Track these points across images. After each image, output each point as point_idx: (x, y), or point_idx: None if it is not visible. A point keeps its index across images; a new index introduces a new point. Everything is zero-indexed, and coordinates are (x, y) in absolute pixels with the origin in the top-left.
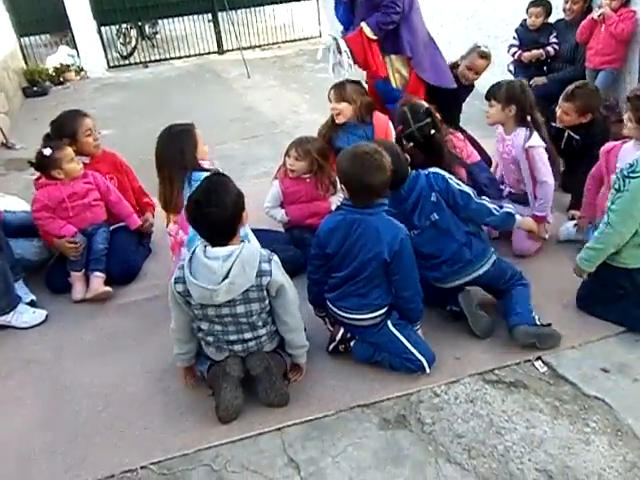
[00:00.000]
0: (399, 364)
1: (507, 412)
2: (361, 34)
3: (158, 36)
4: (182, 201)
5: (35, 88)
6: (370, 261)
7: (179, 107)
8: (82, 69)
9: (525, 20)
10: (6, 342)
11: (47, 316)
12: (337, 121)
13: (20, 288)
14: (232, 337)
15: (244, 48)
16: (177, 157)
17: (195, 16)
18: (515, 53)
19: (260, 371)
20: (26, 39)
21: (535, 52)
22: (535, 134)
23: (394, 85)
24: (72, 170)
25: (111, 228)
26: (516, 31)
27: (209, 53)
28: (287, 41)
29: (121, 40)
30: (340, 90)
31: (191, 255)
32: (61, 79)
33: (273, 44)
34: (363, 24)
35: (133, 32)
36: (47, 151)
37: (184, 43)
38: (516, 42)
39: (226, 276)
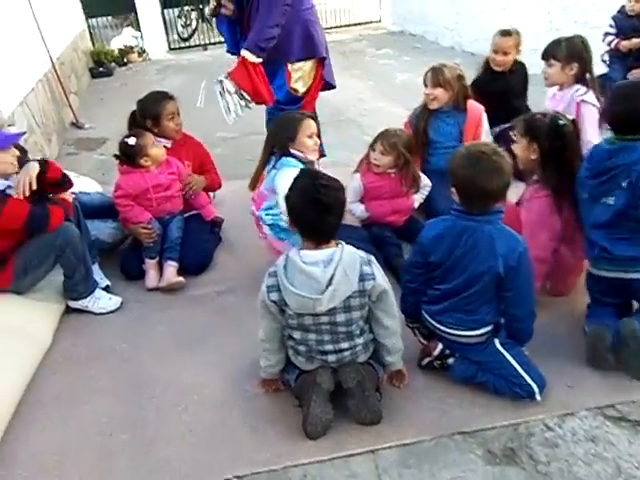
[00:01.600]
0: (505, 388)
1: (636, 457)
2: (244, 63)
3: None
4: (262, 179)
5: (101, 69)
6: (482, 275)
7: None
8: (144, 51)
9: (623, 6)
10: (83, 327)
11: (122, 303)
12: (430, 107)
13: (96, 272)
14: (327, 347)
15: None
16: (281, 140)
17: None
18: (612, 42)
19: (353, 385)
20: (93, 20)
21: (635, 40)
22: (590, 92)
23: (291, 92)
24: (158, 155)
25: (184, 216)
26: (613, 18)
27: None
28: (346, 25)
29: (182, 22)
30: (437, 74)
31: (285, 260)
32: (124, 60)
33: (331, 28)
34: (243, 51)
35: (194, 14)
36: (131, 140)
37: None
38: (613, 30)
39: (329, 283)
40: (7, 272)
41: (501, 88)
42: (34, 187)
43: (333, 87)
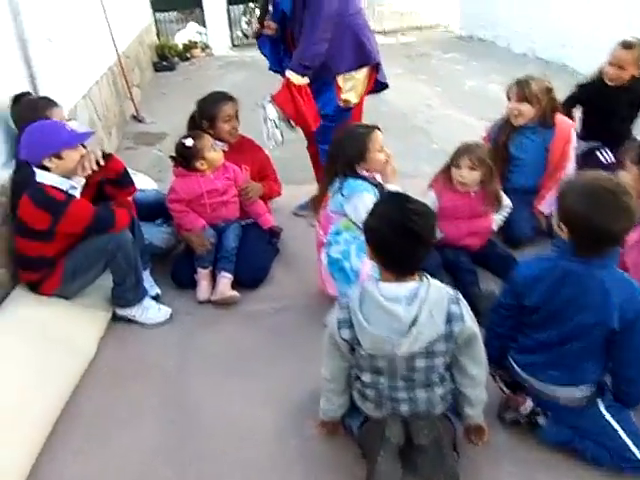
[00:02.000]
0: (607, 460)
1: None
2: (288, 85)
3: None
4: (325, 202)
5: (164, 63)
6: (590, 328)
7: None
8: (208, 46)
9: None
10: (130, 338)
11: (171, 315)
12: (514, 123)
13: (146, 279)
14: (400, 394)
15: None
16: (348, 159)
17: None
18: None
19: (427, 442)
20: (159, 14)
21: None
22: None
23: (340, 105)
24: (215, 159)
25: (242, 224)
26: None
27: None
28: (411, 28)
29: (246, 19)
30: (523, 87)
31: (361, 292)
32: (188, 55)
33: (396, 30)
34: (288, 72)
35: (258, 12)
36: (189, 142)
37: None
38: None
39: (412, 324)
40: (56, 275)
41: (606, 104)
42: (101, 163)
43: (386, 87)
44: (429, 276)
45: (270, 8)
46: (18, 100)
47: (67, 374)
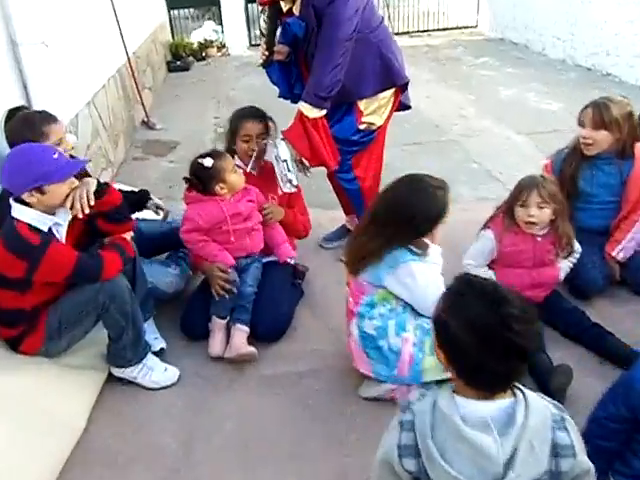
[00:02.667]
0: None
1: None
2: (302, 121)
3: None
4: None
5: (179, 62)
6: None
7: None
8: (224, 45)
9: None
10: (127, 408)
11: (179, 378)
12: (586, 152)
13: (150, 330)
14: None
15: (395, 34)
16: (417, 226)
17: None
18: None
19: None
20: (174, 11)
21: None
22: None
23: (361, 128)
24: (236, 182)
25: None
26: None
27: None
28: (439, 29)
29: (263, 17)
30: (602, 112)
31: (431, 409)
32: (203, 54)
33: (422, 31)
34: (301, 105)
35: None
36: (208, 162)
37: None
38: None
39: (508, 463)
40: (38, 331)
41: None
42: (92, 203)
43: (408, 108)
44: (524, 388)
45: (279, 31)
46: (13, 115)
47: (50, 456)
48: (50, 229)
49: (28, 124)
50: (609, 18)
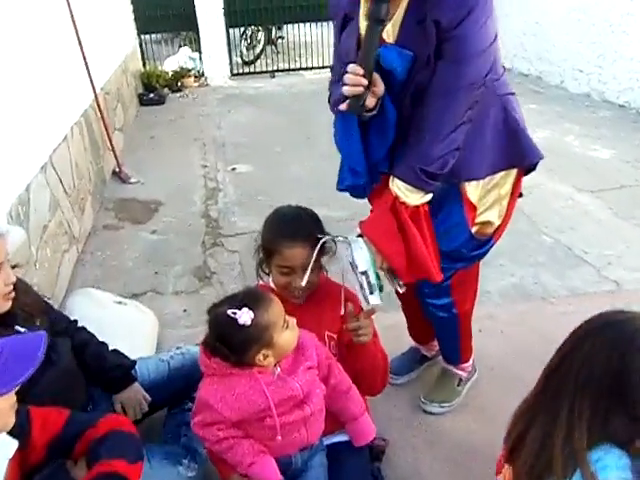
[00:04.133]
0: None
1: None
2: (394, 210)
3: (282, 41)
4: None
5: (152, 95)
6: None
7: (328, 141)
8: (202, 74)
9: None
10: None
11: None
12: None
13: None
14: None
15: None
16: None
17: (325, 23)
18: None
19: None
20: (145, 36)
21: None
22: None
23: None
24: (288, 344)
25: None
26: None
27: None
28: None
29: (245, 44)
30: None
31: None
32: (179, 85)
33: None
34: (394, 184)
35: (260, 35)
36: (245, 317)
37: (308, 51)
38: None
39: None
40: None
41: None
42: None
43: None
44: None
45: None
46: None
47: None
48: None
49: None
50: None
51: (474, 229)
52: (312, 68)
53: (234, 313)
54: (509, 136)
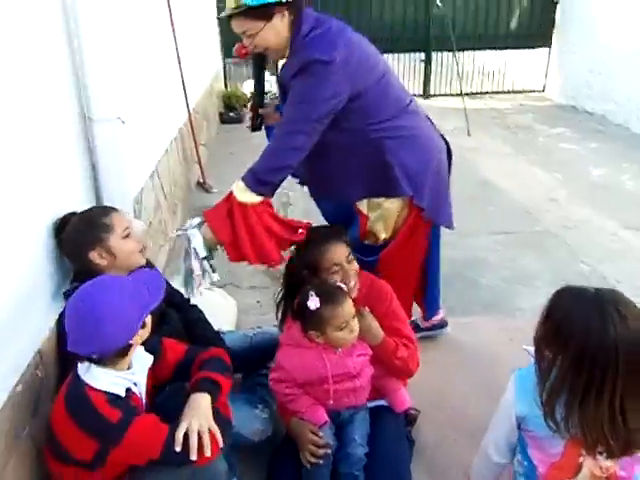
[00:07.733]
0: None
1: None
2: (228, 202)
3: None
4: None
5: (231, 114)
6: None
7: None
8: (277, 97)
9: None
10: None
11: None
12: None
13: None
14: None
15: (455, 95)
16: None
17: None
18: None
19: None
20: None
21: None
22: None
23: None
24: (339, 341)
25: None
26: None
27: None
28: (501, 92)
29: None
30: None
31: None
32: None
33: (485, 93)
34: (236, 185)
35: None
36: (312, 302)
37: None
38: None
39: None
40: None
41: None
42: (221, 444)
43: (449, 228)
44: None
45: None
46: (63, 226)
47: None
48: (130, 391)
49: (85, 224)
50: None
51: (364, 238)
52: None
53: (311, 295)
54: (379, 171)
